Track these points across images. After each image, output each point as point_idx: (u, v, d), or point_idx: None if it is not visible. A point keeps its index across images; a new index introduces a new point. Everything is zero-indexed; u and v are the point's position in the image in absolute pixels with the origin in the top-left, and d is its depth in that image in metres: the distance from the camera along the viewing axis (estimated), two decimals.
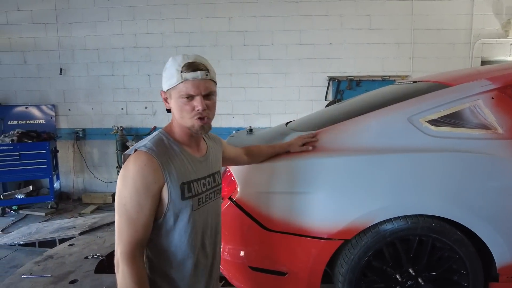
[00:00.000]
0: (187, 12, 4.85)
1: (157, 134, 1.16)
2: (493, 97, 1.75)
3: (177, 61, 1.10)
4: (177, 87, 1.09)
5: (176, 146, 1.15)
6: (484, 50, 4.81)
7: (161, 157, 1.08)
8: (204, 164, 1.23)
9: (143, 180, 1.03)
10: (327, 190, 1.65)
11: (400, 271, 1.69)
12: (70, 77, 4.97)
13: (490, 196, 1.62)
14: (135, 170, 1.03)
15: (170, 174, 1.08)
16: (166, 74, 1.12)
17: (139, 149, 1.08)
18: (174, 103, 1.12)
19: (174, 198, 1.09)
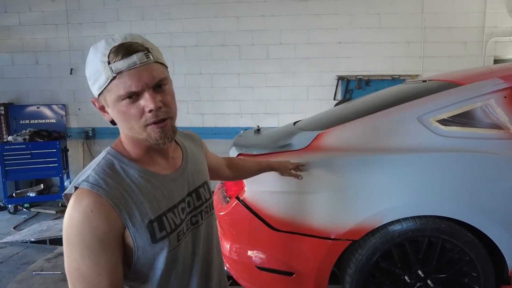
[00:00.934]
0: (195, 11, 4.87)
1: (103, 158, 0.82)
2: (506, 96, 1.71)
3: (99, 49, 0.75)
4: (110, 86, 0.75)
5: (133, 170, 0.81)
6: (497, 48, 4.72)
7: (112, 194, 0.75)
8: (180, 181, 0.90)
9: (93, 232, 0.72)
10: (335, 190, 1.64)
11: (409, 273, 1.67)
12: (80, 77, 5.03)
13: (502, 197, 1.59)
14: (80, 220, 0.72)
15: (130, 214, 0.76)
16: (90, 72, 0.77)
17: (80, 186, 0.75)
18: (114, 111, 0.78)
19: (142, 244, 0.78)
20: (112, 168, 0.80)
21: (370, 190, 1.60)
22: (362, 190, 1.61)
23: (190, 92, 4.97)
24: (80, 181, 0.76)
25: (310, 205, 1.64)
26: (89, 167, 0.81)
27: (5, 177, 4.33)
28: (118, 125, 0.82)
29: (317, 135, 1.80)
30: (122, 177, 0.79)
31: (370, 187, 1.60)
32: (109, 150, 0.84)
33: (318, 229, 1.62)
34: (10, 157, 4.31)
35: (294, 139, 1.87)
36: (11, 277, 2.75)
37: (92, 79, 0.77)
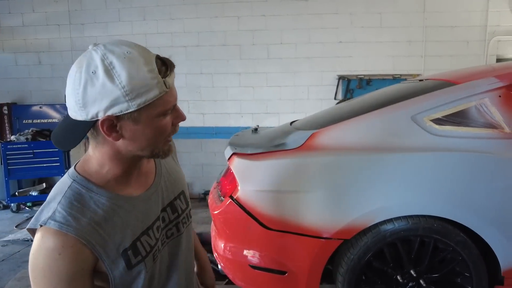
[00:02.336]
0: (196, 11, 4.89)
1: (69, 187, 0.73)
2: (501, 96, 1.70)
3: (138, 59, 0.68)
4: (156, 101, 0.70)
5: (103, 198, 0.75)
6: (499, 47, 4.67)
7: (84, 231, 0.70)
8: (154, 198, 0.85)
9: (60, 275, 0.67)
10: (327, 189, 1.64)
11: (401, 272, 1.67)
12: None
13: (495, 197, 1.58)
14: (46, 263, 0.67)
15: (104, 248, 0.72)
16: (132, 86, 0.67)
17: (46, 226, 0.68)
18: (147, 127, 0.72)
19: (118, 273, 0.75)
20: (80, 200, 0.73)
21: (362, 189, 1.60)
22: (354, 189, 1.61)
23: (191, 92, 4.99)
24: (46, 218, 0.69)
25: (302, 204, 1.65)
26: (53, 198, 0.73)
27: (8, 176, 4.39)
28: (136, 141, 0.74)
29: (311, 135, 1.80)
30: (92, 209, 0.73)
31: (362, 186, 1.60)
32: (75, 176, 0.75)
33: (310, 228, 1.62)
34: (12, 157, 4.36)
35: (288, 139, 1.88)
36: (12, 275, 2.78)
37: (135, 92, 0.67)
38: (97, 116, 0.68)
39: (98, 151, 0.76)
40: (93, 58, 0.68)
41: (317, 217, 1.62)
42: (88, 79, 0.67)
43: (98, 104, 0.67)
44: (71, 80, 0.69)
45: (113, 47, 0.69)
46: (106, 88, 0.66)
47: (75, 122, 0.71)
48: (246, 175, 1.77)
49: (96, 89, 0.67)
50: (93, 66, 0.67)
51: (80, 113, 0.69)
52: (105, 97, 0.67)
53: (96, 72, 0.66)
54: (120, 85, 0.66)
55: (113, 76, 0.66)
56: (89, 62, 0.68)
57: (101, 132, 0.71)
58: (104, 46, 0.69)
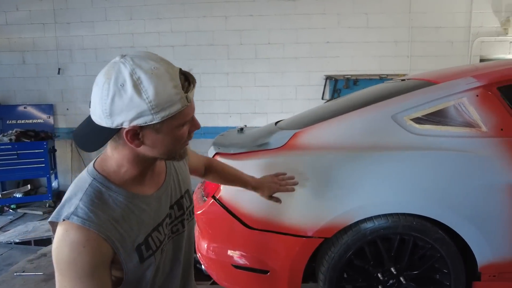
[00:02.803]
0: (184, 11, 4.86)
1: (89, 185, 0.79)
2: (478, 95, 1.73)
3: (163, 77, 0.73)
4: (178, 114, 0.76)
5: (121, 196, 0.82)
6: (483, 48, 4.76)
7: (104, 227, 0.76)
8: (164, 197, 0.93)
9: (85, 265, 0.73)
10: (308, 188, 1.65)
11: (382, 270, 1.68)
12: (68, 77, 5.01)
13: (472, 195, 1.61)
14: (72, 256, 0.73)
15: (121, 243, 0.79)
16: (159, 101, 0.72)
17: (70, 221, 0.74)
18: (168, 136, 0.79)
19: (132, 266, 0.82)
20: (101, 198, 0.79)
21: (343, 188, 1.61)
22: (335, 188, 1.62)
23: None
24: (69, 213, 0.75)
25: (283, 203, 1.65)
26: (75, 194, 0.79)
27: None
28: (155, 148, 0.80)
29: (294, 134, 1.81)
30: (111, 207, 0.80)
31: (343, 185, 1.61)
32: (95, 175, 0.81)
33: (291, 227, 1.63)
34: None
35: (271, 138, 1.88)
36: None
37: (160, 107, 0.73)
38: (122, 125, 0.74)
39: (118, 153, 0.81)
40: (121, 71, 0.71)
41: (298, 216, 1.63)
42: (117, 92, 0.71)
43: (125, 115, 0.72)
44: (99, 90, 0.73)
45: (141, 61, 0.73)
46: (134, 102, 0.71)
47: (99, 127, 0.76)
48: None
49: (123, 101, 0.71)
50: (121, 79, 0.71)
51: (105, 121, 0.74)
52: (131, 109, 0.72)
53: (125, 86, 0.71)
54: (147, 99, 0.71)
55: (140, 91, 0.71)
56: (117, 74, 0.71)
57: (124, 138, 0.76)
58: (132, 60, 0.72)
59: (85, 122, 0.81)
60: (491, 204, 1.59)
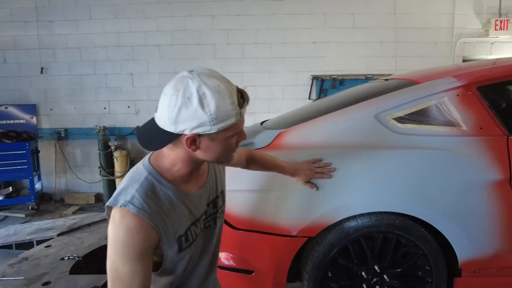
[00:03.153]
0: (170, 10, 4.82)
1: (145, 178, 0.93)
2: (458, 95, 1.76)
3: (224, 94, 0.85)
4: (232, 126, 0.88)
5: (170, 191, 0.95)
6: (465, 49, 4.85)
7: (154, 217, 0.90)
8: (204, 196, 1.06)
9: (136, 248, 0.88)
10: (292, 187, 1.65)
11: (366, 268, 1.70)
12: (51, 76, 4.91)
13: (453, 193, 1.63)
14: (126, 238, 0.87)
15: (166, 233, 0.93)
16: (218, 114, 0.84)
17: (126, 208, 0.88)
18: (220, 144, 0.91)
19: (171, 254, 0.96)
20: (153, 191, 0.92)
21: (326, 187, 1.62)
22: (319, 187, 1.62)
23: None
24: (126, 201, 0.89)
25: (268, 203, 1.65)
26: (131, 185, 0.92)
27: None
28: (207, 153, 0.92)
29: (278, 134, 1.81)
30: (161, 200, 0.93)
31: (326, 184, 1.62)
32: (150, 169, 0.95)
33: (275, 227, 1.63)
34: None
35: (257, 138, 1.88)
36: None
37: (218, 119, 0.85)
38: (184, 131, 0.87)
39: (174, 153, 0.94)
40: (189, 86, 0.84)
41: (283, 215, 1.63)
42: (183, 103, 0.84)
43: (188, 123, 0.85)
44: (167, 99, 0.86)
45: (206, 78, 0.85)
46: (197, 114, 0.84)
47: (162, 131, 0.89)
48: None
49: (188, 112, 0.84)
50: (188, 93, 0.84)
51: (169, 126, 0.87)
52: (194, 119, 0.84)
53: (191, 99, 0.83)
54: (208, 112, 0.84)
55: (204, 105, 0.84)
56: (185, 88, 0.84)
57: (183, 143, 0.90)
58: (199, 77, 0.85)
59: (148, 124, 0.93)
60: (471, 201, 1.62)
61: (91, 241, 3.13)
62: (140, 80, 4.90)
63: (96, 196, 4.99)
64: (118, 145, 4.75)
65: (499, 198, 1.62)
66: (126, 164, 4.72)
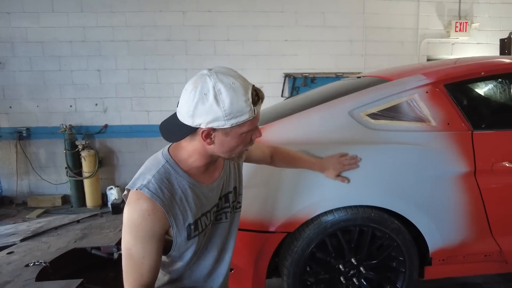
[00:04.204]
0: (139, 5, 4.68)
1: (162, 166, 1.00)
2: (427, 91, 1.83)
3: (238, 91, 0.90)
4: (245, 122, 0.93)
5: (185, 181, 1.01)
6: (429, 48, 5.09)
7: (167, 204, 0.96)
8: (217, 189, 1.11)
9: (147, 229, 0.95)
10: (270, 184, 1.65)
11: (343, 261, 1.74)
12: (10, 72, 4.61)
13: (424, 186, 1.70)
14: (139, 219, 0.94)
15: (176, 220, 0.99)
16: (231, 110, 0.90)
17: (142, 191, 0.95)
18: (234, 139, 0.96)
19: (180, 241, 1.02)
20: (169, 178, 0.99)
21: (303, 182, 1.64)
22: (295, 183, 1.64)
23: (134, 88, 4.77)
24: (142, 185, 0.96)
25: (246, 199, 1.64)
26: (149, 170, 0.99)
27: None
28: (222, 147, 0.98)
29: None
30: (175, 188, 0.99)
31: (303, 180, 1.64)
32: (168, 158, 1.01)
33: (253, 223, 1.63)
34: None
35: None
36: None
37: (232, 115, 0.91)
38: (200, 125, 0.93)
39: (191, 145, 1.00)
40: (206, 82, 0.91)
41: (261, 211, 1.63)
42: (200, 99, 0.90)
43: (204, 118, 0.91)
44: (187, 94, 0.92)
45: (223, 76, 0.91)
46: (213, 109, 0.90)
47: (182, 124, 0.95)
48: None
49: (205, 107, 0.90)
50: (205, 89, 0.90)
51: (187, 119, 0.93)
52: (210, 114, 0.90)
53: (207, 95, 0.90)
54: (223, 108, 0.90)
55: (219, 101, 0.89)
56: (203, 85, 0.90)
57: (199, 136, 0.95)
58: (216, 75, 0.91)
59: (170, 118, 1.00)
60: (441, 193, 1.70)
61: (59, 245, 2.98)
62: (108, 76, 4.72)
63: (63, 198, 4.76)
64: (86, 144, 4.55)
65: (465, 190, 1.71)
66: (94, 164, 4.54)
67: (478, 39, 5.10)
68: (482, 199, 1.72)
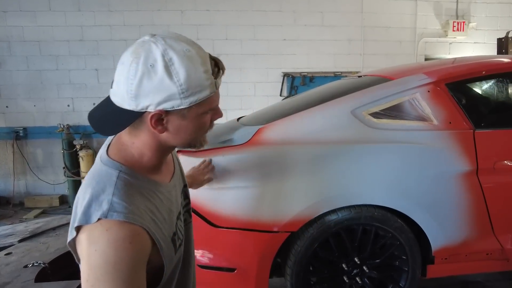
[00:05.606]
0: (137, 4, 4.65)
1: (117, 178, 0.73)
2: (429, 91, 1.84)
3: (195, 60, 0.69)
4: (206, 100, 0.73)
5: (149, 186, 0.78)
6: (427, 48, 5.10)
7: (145, 220, 0.72)
8: (178, 185, 0.92)
9: (129, 265, 0.67)
10: (273, 183, 1.65)
11: (346, 260, 1.74)
12: (6, 71, 4.57)
13: (426, 184, 1.71)
14: (118, 257, 0.66)
15: (159, 234, 0.75)
16: (189, 84, 0.68)
17: (108, 218, 0.68)
18: (193, 122, 0.75)
19: (169, 257, 0.79)
20: (132, 190, 0.73)
21: (307, 182, 1.63)
22: (300, 182, 1.64)
23: None
24: (105, 211, 0.68)
25: (250, 199, 1.64)
26: (102, 191, 0.71)
27: None
28: (177, 135, 0.76)
29: (257, 130, 1.80)
30: (145, 198, 0.75)
31: (307, 179, 1.63)
32: (118, 166, 0.75)
33: (257, 223, 1.62)
34: None
35: (235, 135, 1.86)
36: None
37: (190, 91, 0.69)
38: (147, 108, 0.69)
39: (139, 141, 0.76)
40: (152, 50, 0.67)
41: (264, 211, 1.63)
42: (146, 72, 0.67)
43: (152, 97, 0.68)
44: (125, 69, 0.68)
45: (173, 42, 0.69)
46: (164, 84, 0.67)
47: (120, 110, 0.71)
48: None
49: (152, 83, 0.67)
50: (151, 59, 0.67)
51: (128, 103, 0.69)
52: (160, 92, 0.68)
53: (155, 67, 0.67)
54: (177, 82, 0.68)
55: (171, 73, 0.67)
56: (147, 54, 0.67)
57: (147, 124, 0.72)
58: (164, 40, 0.69)
59: (103, 104, 0.75)
60: (443, 192, 1.71)
61: (57, 246, 2.96)
62: (106, 76, 4.69)
63: (60, 198, 4.73)
64: (84, 144, 4.52)
65: (468, 188, 1.72)
66: (92, 164, 4.51)
67: (475, 39, 5.13)
68: (484, 197, 1.73)
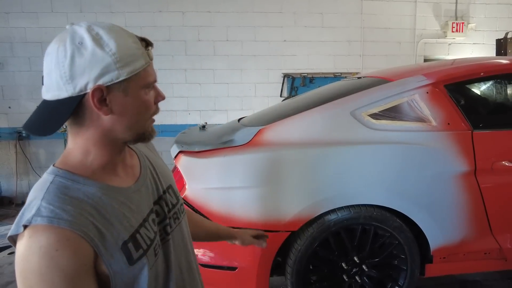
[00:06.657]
0: (138, 5, 4.68)
1: (51, 182, 0.67)
2: (428, 92, 1.86)
3: (122, 32, 0.69)
4: (141, 73, 0.70)
5: (92, 188, 0.70)
6: (426, 49, 5.13)
7: (78, 223, 0.64)
8: (145, 190, 0.82)
9: (60, 274, 0.60)
10: (274, 183, 1.67)
11: (346, 259, 1.76)
12: (9, 72, 4.60)
13: (425, 185, 1.73)
14: (43, 264, 0.59)
15: (102, 241, 0.67)
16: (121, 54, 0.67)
17: (32, 224, 0.61)
18: (134, 99, 0.71)
19: (119, 269, 0.69)
20: (67, 193, 0.67)
21: (307, 182, 1.66)
22: (300, 182, 1.66)
23: None
24: (30, 216, 0.62)
25: (251, 199, 1.66)
26: (35, 198, 0.65)
27: None
28: (124, 116, 0.71)
29: (258, 131, 1.83)
30: (82, 200, 0.67)
31: (307, 179, 1.66)
32: (55, 171, 0.69)
33: (258, 223, 1.65)
34: None
35: (236, 135, 1.88)
36: None
37: (124, 60, 0.67)
38: (86, 88, 0.66)
39: (81, 138, 0.71)
40: (76, 31, 0.66)
41: (265, 211, 1.65)
42: (75, 50, 0.65)
43: (88, 74, 0.65)
44: (53, 56, 0.66)
45: (96, 23, 0.69)
46: (97, 56, 0.65)
47: (57, 103, 0.67)
48: (194, 173, 1.74)
49: (85, 58, 0.65)
50: (78, 38, 0.66)
51: (66, 88, 0.66)
52: (95, 65, 0.65)
53: (83, 43, 0.65)
54: (110, 52, 0.66)
55: (102, 45, 0.66)
56: (72, 35, 0.66)
57: (90, 108, 0.68)
58: (85, 23, 0.68)
59: (37, 109, 0.70)
60: (442, 192, 1.73)
61: None
62: None
63: None
64: None
65: (466, 189, 1.74)
66: None
67: (474, 40, 5.16)
68: (482, 197, 1.75)
